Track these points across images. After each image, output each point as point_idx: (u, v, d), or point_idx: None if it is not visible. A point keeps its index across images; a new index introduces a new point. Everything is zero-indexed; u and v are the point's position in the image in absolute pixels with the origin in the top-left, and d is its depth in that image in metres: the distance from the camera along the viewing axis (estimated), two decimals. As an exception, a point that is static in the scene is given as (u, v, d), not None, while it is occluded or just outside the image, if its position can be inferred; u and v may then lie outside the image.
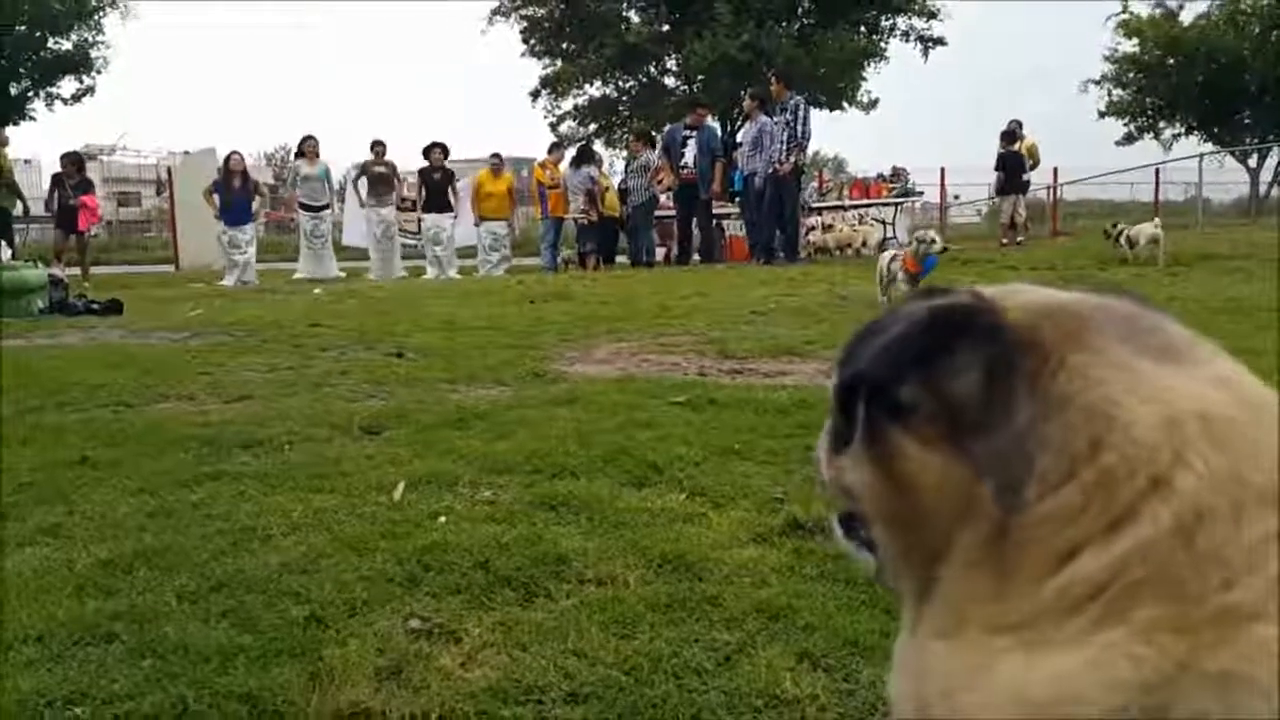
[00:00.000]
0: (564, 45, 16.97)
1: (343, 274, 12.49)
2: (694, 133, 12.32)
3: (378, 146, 13.10)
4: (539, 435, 2.65)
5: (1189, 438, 0.40)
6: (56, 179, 12.70)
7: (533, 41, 17.06)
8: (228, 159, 12.44)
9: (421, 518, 1.98)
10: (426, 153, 13.34)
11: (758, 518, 1.99)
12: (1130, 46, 22.06)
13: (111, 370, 4.05)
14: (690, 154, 12.03)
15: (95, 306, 6.75)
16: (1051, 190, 18.72)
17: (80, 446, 2.62)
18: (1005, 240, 13.32)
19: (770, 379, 3.66)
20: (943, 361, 0.44)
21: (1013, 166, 13.67)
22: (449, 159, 13.66)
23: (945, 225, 18.25)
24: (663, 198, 13.16)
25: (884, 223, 14.56)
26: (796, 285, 7.88)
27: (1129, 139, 23.22)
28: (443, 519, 1.97)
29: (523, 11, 16.83)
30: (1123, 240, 10.00)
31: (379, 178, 13.13)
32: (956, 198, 27.10)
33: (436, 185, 13.21)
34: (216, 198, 12.13)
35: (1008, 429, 0.42)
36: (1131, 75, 22.29)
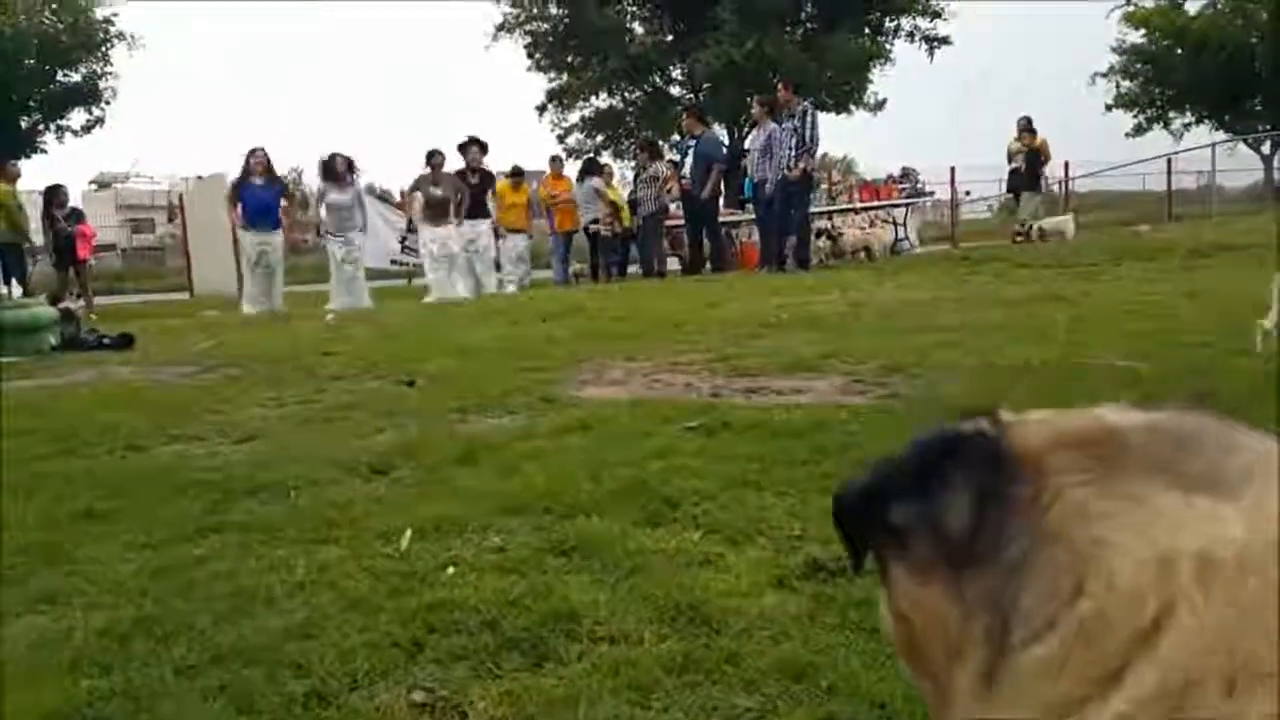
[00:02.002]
0: (569, 58, 16.96)
1: (371, 306, 10.95)
2: (694, 141, 12.32)
3: (435, 158, 11.45)
4: (550, 469, 2.60)
5: (1181, 585, 0.35)
6: (47, 213, 12.78)
7: (537, 55, 17.06)
8: (249, 157, 10.94)
9: (429, 569, 1.93)
10: (463, 149, 12.07)
11: (775, 557, 1.92)
12: (1137, 37, 21.87)
13: (121, 410, 4.02)
14: (688, 163, 12.03)
15: (106, 341, 6.75)
16: (1063, 185, 18.56)
17: (86, 497, 2.58)
18: (1021, 237, 13.18)
19: (784, 397, 3.59)
20: (936, 489, 0.43)
21: (1031, 163, 13.55)
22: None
23: (956, 223, 18.12)
24: (673, 207, 13.14)
25: (895, 223, 14.47)
26: (808, 293, 7.81)
27: (1139, 130, 23.03)
28: (450, 570, 1.92)
29: (527, 26, 16.84)
30: (1035, 232, 12.49)
31: (435, 203, 11.37)
32: (968, 194, 26.91)
33: (474, 187, 11.89)
34: (239, 209, 10.72)
35: (996, 564, 0.39)
36: (1139, 66, 22.08)
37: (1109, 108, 22.75)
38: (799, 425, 2.94)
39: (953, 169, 18.43)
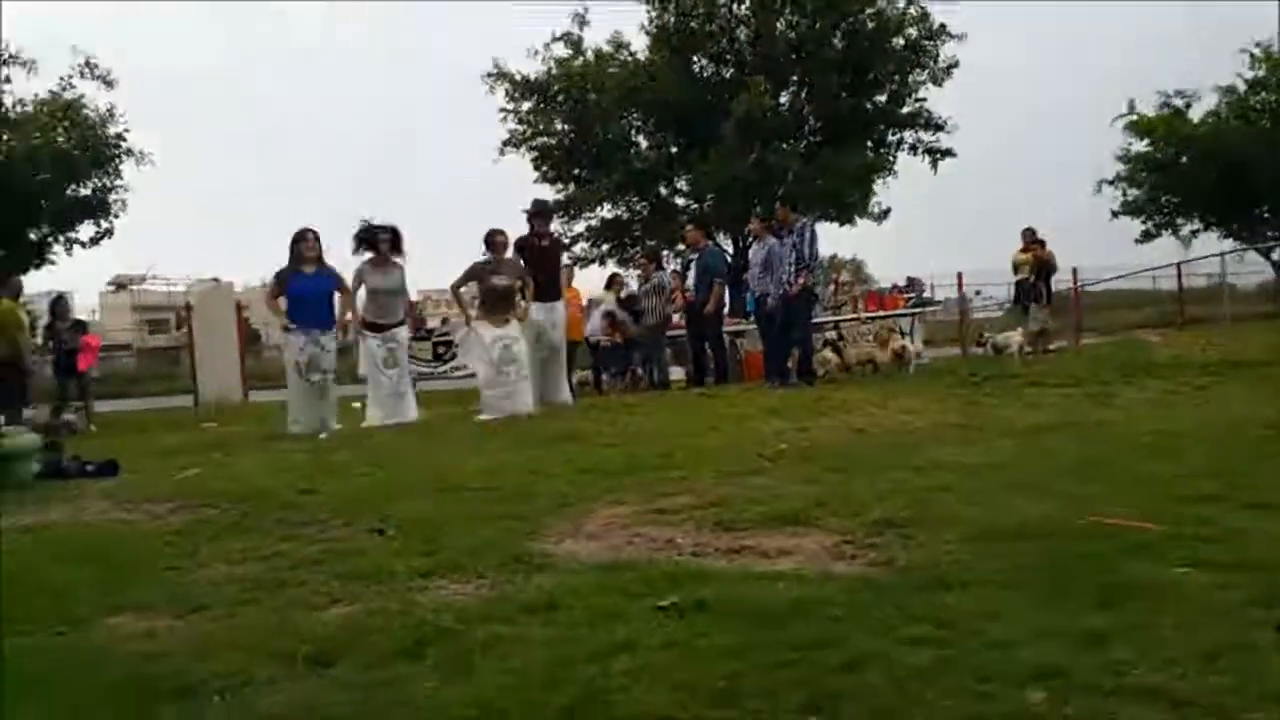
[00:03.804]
0: (574, 171, 17.20)
1: (416, 419, 9.51)
2: (696, 254, 12.40)
3: (499, 237, 9.50)
4: (501, 671, 2.38)
5: None
6: (50, 325, 12.82)
7: (544, 168, 17.33)
8: (296, 241, 8.99)
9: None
10: (531, 219, 10.26)
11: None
12: (1142, 146, 22.10)
13: (77, 566, 3.84)
14: (692, 275, 12.09)
15: (90, 469, 6.60)
16: (1074, 293, 18.52)
17: (4, 703, 2.37)
18: (1033, 350, 13.04)
19: (769, 561, 3.37)
20: None
21: (1039, 274, 13.52)
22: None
23: (966, 328, 18.00)
24: (675, 317, 13.13)
25: (901, 333, 14.37)
26: (809, 416, 7.63)
27: (1147, 236, 23.09)
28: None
29: (533, 142, 17.16)
30: (989, 347, 12.35)
31: (496, 293, 9.36)
32: (978, 293, 26.92)
33: (542, 261, 9.93)
34: (283, 301, 8.98)
35: None
36: (1145, 174, 22.27)
37: (1115, 214, 22.87)
38: (779, 608, 2.72)
39: (960, 275, 18.46)
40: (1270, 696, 1.99)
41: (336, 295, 9.25)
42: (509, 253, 9.71)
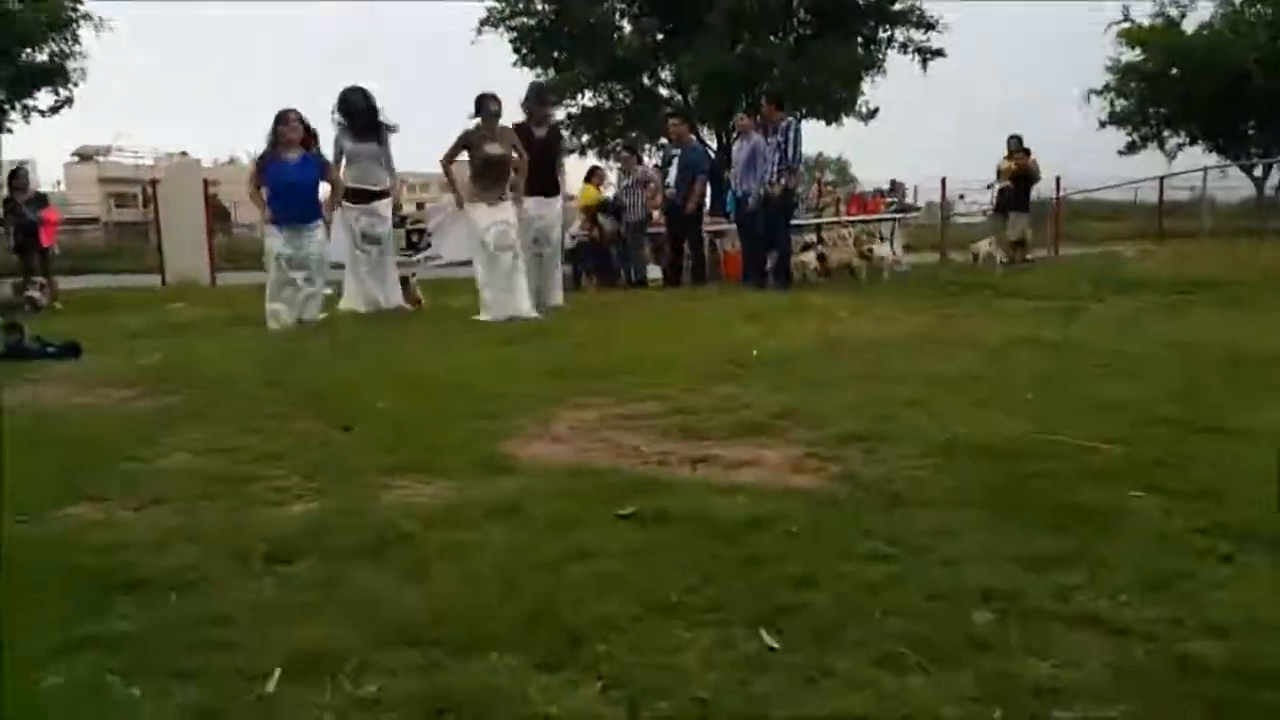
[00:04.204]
0: (554, 54, 16.68)
1: (408, 306, 9.20)
2: (678, 149, 12.16)
3: (491, 104, 8.35)
4: (460, 575, 2.39)
5: None
6: (9, 198, 12.46)
7: (523, 51, 16.78)
8: (280, 120, 8.14)
9: (286, 730, 1.72)
10: (529, 106, 9.17)
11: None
12: (1133, 56, 21.72)
13: (36, 454, 3.80)
14: (673, 172, 11.85)
15: (51, 350, 6.51)
16: (1055, 203, 18.42)
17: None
18: (1008, 260, 13.03)
19: (731, 472, 3.39)
20: None
21: (1021, 183, 13.40)
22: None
23: (946, 237, 17.95)
24: (655, 214, 12.96)
25: (882, 238, 14.30)
26: (784, 322, 7.62)
27: (1132, 148, 22.91)
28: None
29: (511, 21, 16.56)
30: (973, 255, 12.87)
31: (489, 163, 8.36)
32: (961, 197, 26.69)
33: (543, 152, 8.98)
34: (265, 191, 8.18)
35: None
36: (1134, 85, 21.94)
37: (1102, 124, 22.61)
38: (736, 521, 2.74)
39: (943, 180, 18.28)
40: (1209, 628, 2.03)
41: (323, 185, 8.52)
42: (501, 122, 8.67)
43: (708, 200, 12.63)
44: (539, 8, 16.37)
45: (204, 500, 3.13)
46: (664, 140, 13.34)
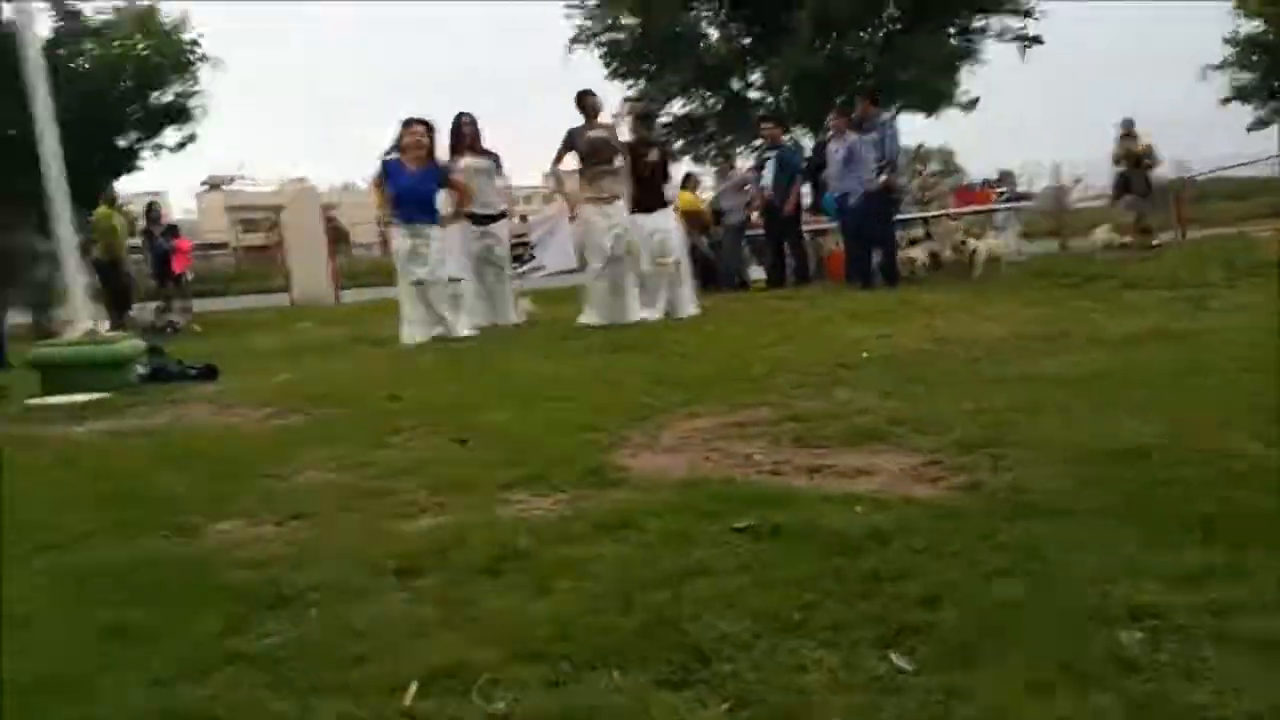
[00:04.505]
0: (644, 66, 16.82)
1: (521, 320, 9.34)
2: (773, 152, 12.08)
3: (589, 99, 8.51)
4: (579, 592, 2.43)
5: None
6: (146, 230, 13.27)
7: (615, 64, 16.97)
8: (403, 131, 8.41)
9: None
10: (638, 122, 9.35)
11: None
12: (1252, 27, 20.51)
13: (181, 471, 4.04)
14: (769, 174, 11.79)
15: (191, 373, 6.89)
16: (1177, 184, 17.53)
17: (118, 602, 2.53)
18: (1132, 244, 12.47)
19: (849, 481, 3.35)
20: None
21: (1138, 165, 12.84)
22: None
23: (1064, 223, 17.29)
24: (753, 216, 12.92)
25: (995, 229, 13.89)
26: (892, 321, 7.49)
27: (1260, 124, 21.61)
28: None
29: (601, 38, 16.78)
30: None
31: (595, 147, 8.34)
32: (1078, 181, 25.54)
33: (648, 170, 8.83)
34: (389, 192, 8.37)
35: None
36: (1255, 58, 20.70)
37: (1225, 101, 21.41)
38: (856, 534, 2.70)
39: (1057, 165, 17.65)
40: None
41: (444, 193, 8.67)
42: (603, 119, 8.85)
43: (806, 199, 12.51)
44: (625, 22, 16.52)
45: (339, 515, 3.26)
46: (757, 142, 13.24)
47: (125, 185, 15.43)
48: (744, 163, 15.35)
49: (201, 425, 5.18)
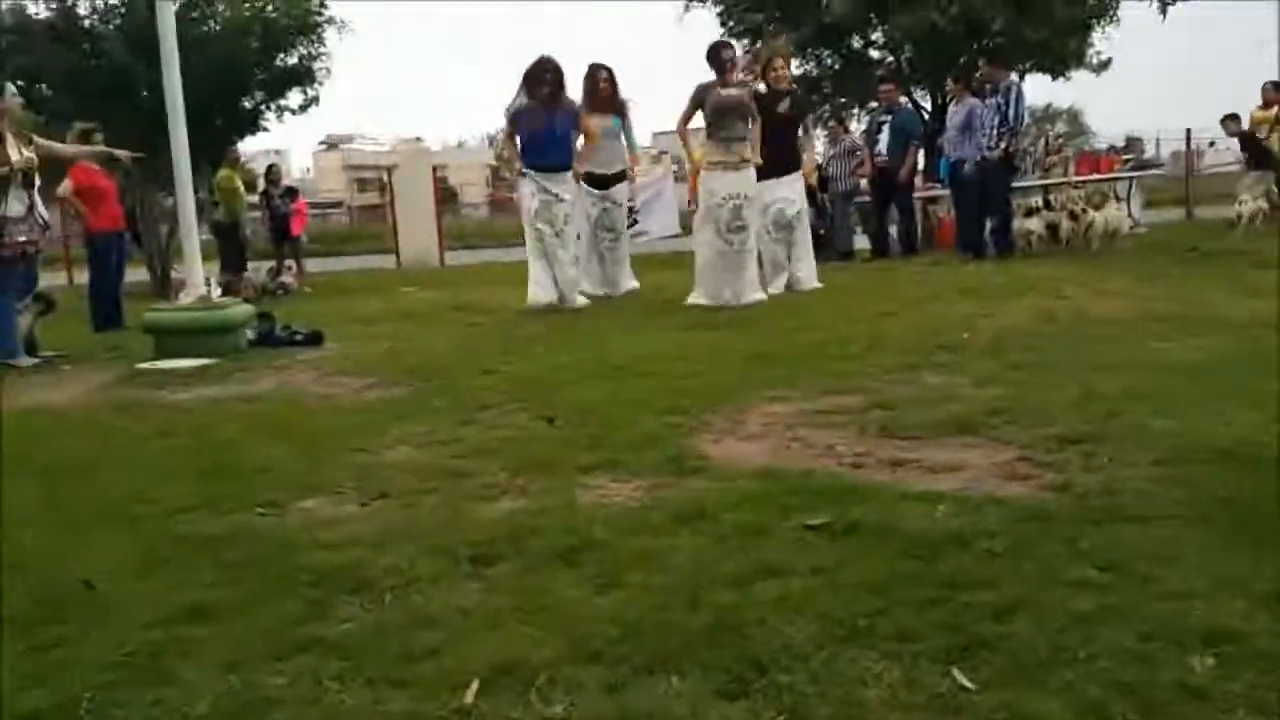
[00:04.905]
0: (761, 23, 16.43)
1: (635, 285, 9.05)
2: (889, 116, 11.70)
3: (725, 51, 7.87)
4: (648, 587, 2.44)
5: None
6: (265, 191, 13.73)
7: (730, 23, 16.65)
8: (537, 67, 7.94)
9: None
10: (771, 64, 8.52)
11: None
12: None
13: (277, 442, 4.20)
14: (884, 140, 11.42)
15: (298, 338, 7.14)
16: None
17: (203, 582, 2.65)
18: (1265, 219, 11.69)
19: (933, 477, 3.26)
20: None
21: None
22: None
23: (1191, 194, 16.33)
24: (862, 183, 12.60)
25: (1117, 198, 13.21)
26: (1001, 298, 7.23)
27: None
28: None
29: (719, -5, 16.48)
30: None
31: (723, 110, 7.66)
32: (1212, 144, 24.10)
33: (781, 123, 8.28)
34: (518, 139, 8.07)
35: None
36: None
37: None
38: (935, 536, 2.63)
39: (1188, 130, 16.65)
40: None
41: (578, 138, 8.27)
42: (739, 75, 8.09)
43: (920, 163, 12.12)
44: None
45: (421, 496, 3.34)
46: (874, 104, 12.83)
47: (247, 144, 15.96)
48: (857, 126, 14.95)
49: (301, 394, 5.37)
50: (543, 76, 7.90)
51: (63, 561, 2.87)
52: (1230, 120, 12.46)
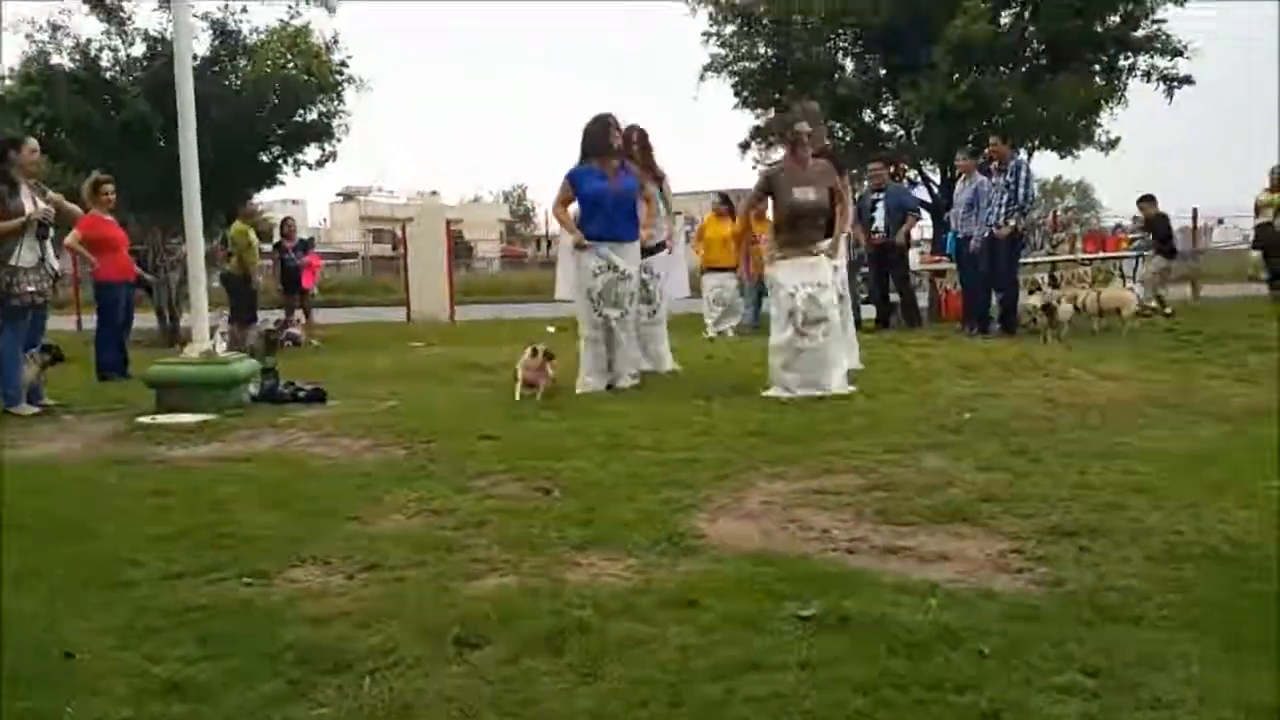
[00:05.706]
0: (775, 96, 16.72)
1: (678, 368, 8.21)
2: (881, 194, 11.92)
3: (802, 120, 7.10)
4: (630, 680, 2.41)
5: None
6: (278, 245, 13.87)
7: (745, 93, 16.94)
8: (599, 124, 7.19)
9: None
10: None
11: None
12: None
13: (270, 507, 4.19)
14: (880, 217, 11.62)
15: (300, 395, 7.15)
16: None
17: (182, 655, 2.63)
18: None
19: (926, 566, 3.23)
20: None
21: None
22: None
23: (1198, 273, 16.38)
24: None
25: (1123, 277, 13.30)
26: (1003, 378, 7.24)
27: None
28: None
29: (734, 67, 16.77)
30: None
31: (798, 214, 6.81)
32: (1220, 222, 24.32)
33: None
34: (575, 207, 7.32)
35: None
36: None
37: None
38: (925, 633, 2.60)
39: (1195, 210, 16.77)
40: None
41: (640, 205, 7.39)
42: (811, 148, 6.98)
43: (917, 235, 12.27)
44: (761, 51, 16.48)
45: (410, 569, 3.32)
46: (866, 184, 12.98)
47: (264, 194, 16.17)
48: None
49: (299, 456, 5.36)
50: (609, 135, 7.11)
51: (48, 627, 2.85)
52: (1146, 202, 12.60)
